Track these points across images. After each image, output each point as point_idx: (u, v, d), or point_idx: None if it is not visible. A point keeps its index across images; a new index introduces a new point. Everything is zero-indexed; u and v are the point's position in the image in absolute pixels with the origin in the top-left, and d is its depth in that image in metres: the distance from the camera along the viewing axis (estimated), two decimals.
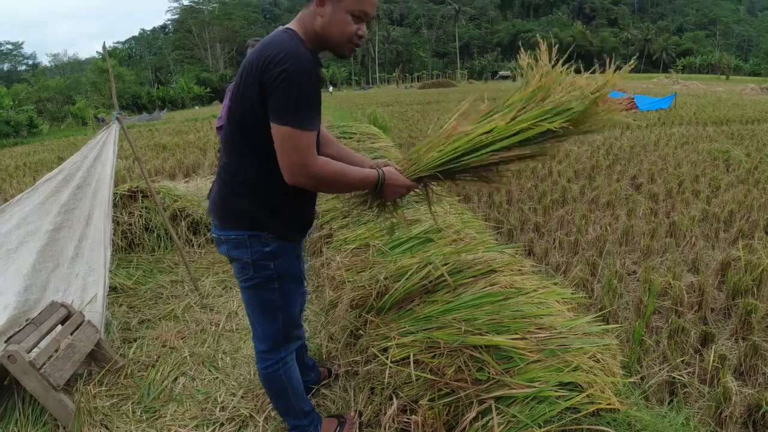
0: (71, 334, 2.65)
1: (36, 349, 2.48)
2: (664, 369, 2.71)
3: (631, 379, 2.59)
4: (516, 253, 3.06)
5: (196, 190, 6.88)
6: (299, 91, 1.56)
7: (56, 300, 2.86)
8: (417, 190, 2.07)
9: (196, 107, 41.43)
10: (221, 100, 50.02)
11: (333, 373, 2.64)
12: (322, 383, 2.58)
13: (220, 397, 2.51)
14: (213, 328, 3.25)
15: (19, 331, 2.48)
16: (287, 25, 1.71)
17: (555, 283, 2.69)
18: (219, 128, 3.97)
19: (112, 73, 3.36)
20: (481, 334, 2.14)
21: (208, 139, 13.87)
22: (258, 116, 1.63)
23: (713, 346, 2.84)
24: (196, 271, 4.12)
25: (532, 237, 4.85)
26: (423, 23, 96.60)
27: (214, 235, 1.88)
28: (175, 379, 2.71)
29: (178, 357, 2.91)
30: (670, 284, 3.53)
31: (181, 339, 3.14)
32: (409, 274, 2.54)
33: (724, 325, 3.31)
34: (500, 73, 74.42)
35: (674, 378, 2.66)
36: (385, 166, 1.96)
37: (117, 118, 3.19)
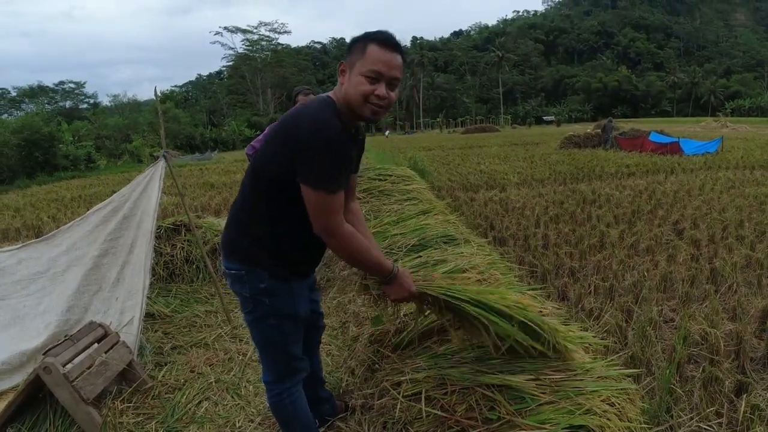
0: (105, 352, 2.80)
1: (71, 364, 2.63)
2: (693, 419, 2.65)
3: (658, 429, 2.54)
4: (539, 295, 3.07)
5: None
6: (333, 156, 1.72)
7: (95, 320, 3.03)
8: (419, 304, 2.13)
9: (245, 150, 42.77)
10: None
11: (350, 406, 2.69)
12: (339, 416, 2.63)
13: (238, 422, 2.60)
14: (240, 357, 3.36)
15: (56, 346, 2.65)
16: (329, 93, 1.86)
17: (584, 329, 2.69)
18: (249, 155, 4.19)
19: (161, 114, 3.63)
20: (493, 373, 2.17)
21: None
22: (273, 167, 1.80)
23: (747, 396, 2.75)
24: (229, 303, 4.26)
25: (566, 281, 4.81)
26: (467, 70, 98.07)
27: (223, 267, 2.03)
28: (199, 402, 2.82)
29: (204, 382, 3.03)
30: (707, 332, 3.44)
31: (209, 366, 3.26)
32: (428, 312, 2.59)
33: (762, 375, 3.18)
34: (544, 118, 74.37)
35: (702, 428, 2.59)
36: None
37: (164, 156, 3.42)
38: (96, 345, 2.85)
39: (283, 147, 1.76)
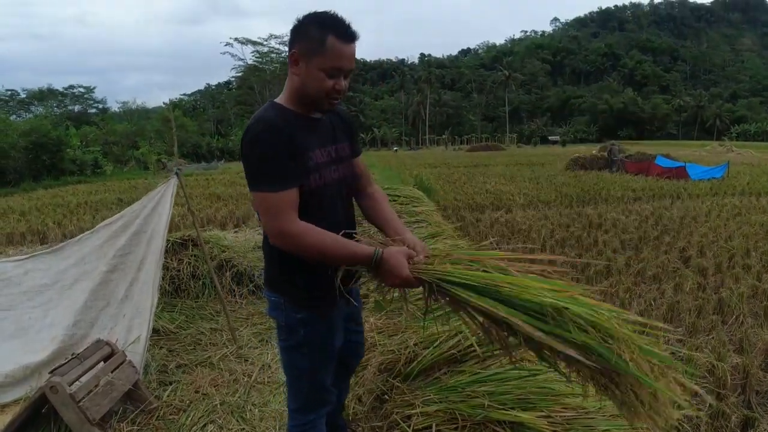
0: (112, 372, 2.78)
1: (77, 383, 2.61)
2: None
3: None
4: None
5: (245, 241, 7.11)
6: (259, 154, 1.64)
7: (101, 338, 3.02)
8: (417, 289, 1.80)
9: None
10: None
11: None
12: None
13: None
14: (246, 379, 3.33)
15: (64, 365, 2.63)
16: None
17: None
18: None
19: (174, 128, 3.63)
20: (505, 410, 2.15)
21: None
22: None
23: None
24: (235, 321, 4.24)
25: None
26: (473, 88, 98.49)
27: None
28: (204, 425, 2.79)
29: (209, 404, 2.99)
30: (714, 365, 3.41)
31: (214, 387, 3.23)
32: (438, 342, 2.58)
33: None
34: (549, 138, 74.50)
35: None
36: (399, 247, 1.74)
37: (176, 173, 3.42)
38: (102, 364, 2.83)
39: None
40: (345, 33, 1.66)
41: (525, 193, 12.54)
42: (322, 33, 1.64)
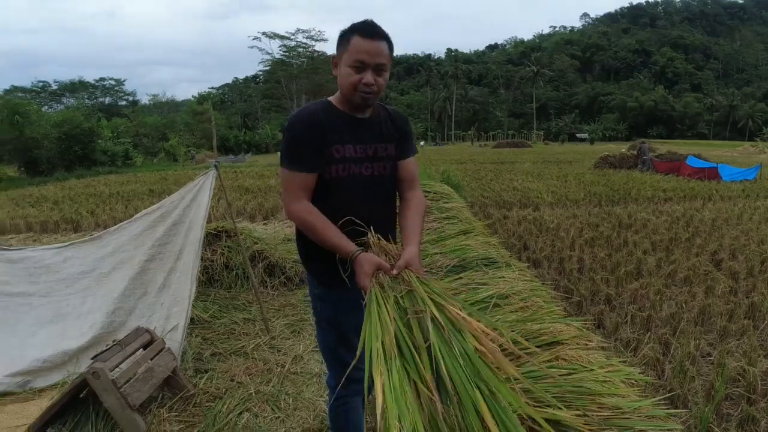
0: (151, 359, 2.85)
1: (118, 369, 2.69)
2: None
3: None
4: (584, 327, 3.03)
5: (274, 233, 7.21)
6: (289, 137, 1.90)
7: (141, 325, 3.10)
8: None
9: (278, 153, 43.41)
10: None
11: None
12: None
13: None
14: (279, 368, 3.39)
15: (105, 351, 2.71)
16: None
17: (623, 362, 2.65)
18: None
19: (214, 127, 3.69)
20: (541, 407, 2.15)
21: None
22: None
23: None
24: (267, 311, 4.31)
25: (602, 309, 4.75)
26: (501, 84, 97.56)
27: None
28: (240, 413, 2.85)
29: (244, 393, 3.06)
30: (744, 369, 3.37)
31: (249, 376, 3.29)
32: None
33: None
34: (577, 135, 73.54)
35: None
36: (373, 257, 1.80)
37: (215, 166, 3.48)
38: (142, 351, 2.90)
39: None
40: (366, 30, 1.85)
41: (553, 191, 12.44)
42: (349, 34, 1.86)
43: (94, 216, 10.72)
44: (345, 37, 1.88)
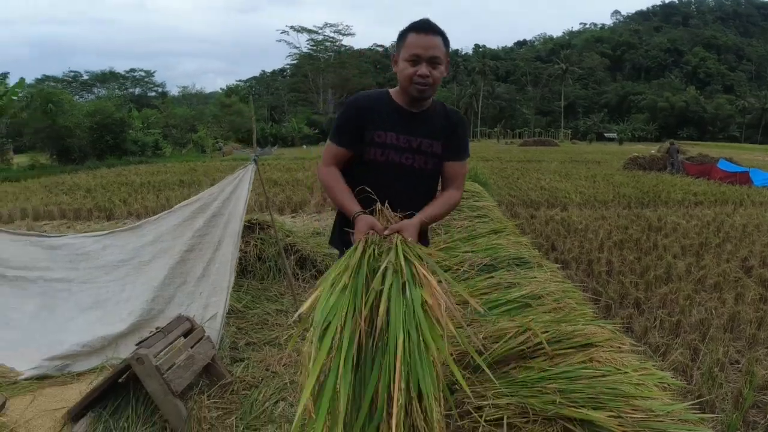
0: (192, 347, 2.94)
1: (161, 356, 2.77)
2: None
3: None
4: (617, 330, 3.04)
5: (303, 226, 7.30)
6: (339, 114, 2.19)
7: (181, 314, 3.19)
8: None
9: (304, 146, 43.75)
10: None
11: None
12: None
13: None
14: None
15: (149, 337, 2.80)
16: None
17: (655, 365, 2.66)
18: None
19: (254, 121, 3.76)
20: (576, 407, 2.18)
21: (315, 180, 14.57)
22: None
23: None
24: (299, 303, 4.38)
25: (631, 313, 4.73)
26: (528, 81, 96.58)
27: None
28: (276, 402, 2.93)
29: (279, 382, 3.14)
30: None
31: (283, 366, 3.37)
32: (507, 337, 2.61)
33: None
34: (606, 135, 72.46)
35: None
36: (370, 217, 1.95)
37: (254, 160, 3.56)
38: (182, 338, 2.99)
39: None
40: (421, 26, 2.01)
41: (581, 192, 12.32)
42: (406, 32, 2.03)
43: (126, 205, 10.96)
44: (403, 34, 2.04)
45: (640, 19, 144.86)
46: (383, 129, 2.08)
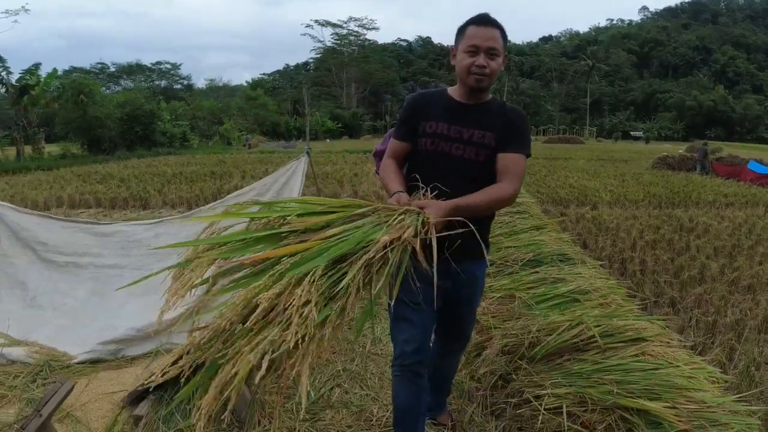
0: None
1: None
2: None
3: None
4: (666, 326, 3.10)
5: None
6: (401, 111, 2.31)
7: None
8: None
9: (328, 140, 44.01)
10: (351, 136, 51.89)
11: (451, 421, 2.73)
12: (440, 423, 2.70)
13: (375, 411, 2.78)
14: (360, 349, 3.56)
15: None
16: None
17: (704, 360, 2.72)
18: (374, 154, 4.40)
19: (308, 116, 3.86)
20: (632, 398, 2.25)
21: (344, 173, 14.72)
22: None
23: None
24: None
25: (667, 312, 4.76)
26: (554, 77, 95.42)
27: None
28: (332, 388, 3.03)
29: (333, 369, 3.25)
30: None
31: (333, 353, 3.47)
32: (560, 330, 2.69)
33: None
34: (632, 133, 71.41)
35: None
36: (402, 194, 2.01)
37: (307, 152, 3.67)
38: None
39: None
40: (479, 19, 2.08)
41: (611, 191, 12.25)
42: (465, 25, 2.10)
43: (161, 194, 11.20)
44: (462, 28, 2.11)
45: (668, 16, 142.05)
46: (435, 120, 2.15)
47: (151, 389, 2.96)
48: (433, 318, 2.28)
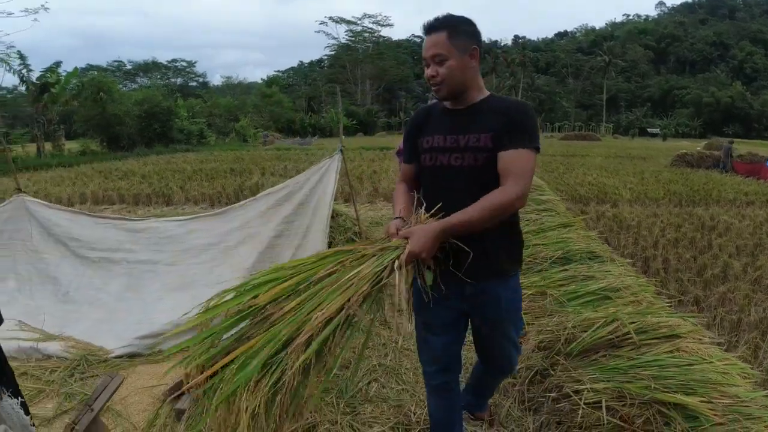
0: None
1: None
2: None
3: None
4: (698, 323, 3.13)
5: (361, 216, 7.45)
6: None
7: None
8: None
9: (343, 137, 44.19)
10: (365, 132, 51.92)
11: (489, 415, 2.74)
12: (477, 419, 2.73)
13: (413, 406, 2.83)
14: (393, 344, 3.62)
15: None
16: None
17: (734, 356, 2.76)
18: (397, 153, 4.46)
19: (341, 115, 3.92)
20: (670, 392, 2.30)
21: (363, 170, 14.77)
22: None
23: None
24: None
25: (691, 310, 4.77)
26: (569, 73, 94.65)
27: None
28: (369, 383, 3.10)
29: (369, 364, 3.31)
30: None
31: (367, 349, 3.54)
32: (595, 326, 2.74)
33: None
34: (649, 130, 70.71)
35: None
36: (396, 221, 1.98)
37: (340, 150, 3.74)
38: None
39: None
40: (424, 28, 1.99)
41: (631, 188, 12.21)
42: None
43: (183, 191, 11.34)
44: None
45: (685, 11, 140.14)
46: (431, 134, 2.05)
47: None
48: (457, 340, 2.19)
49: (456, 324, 2.14)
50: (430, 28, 1.94)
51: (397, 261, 1.74)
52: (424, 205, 1.96)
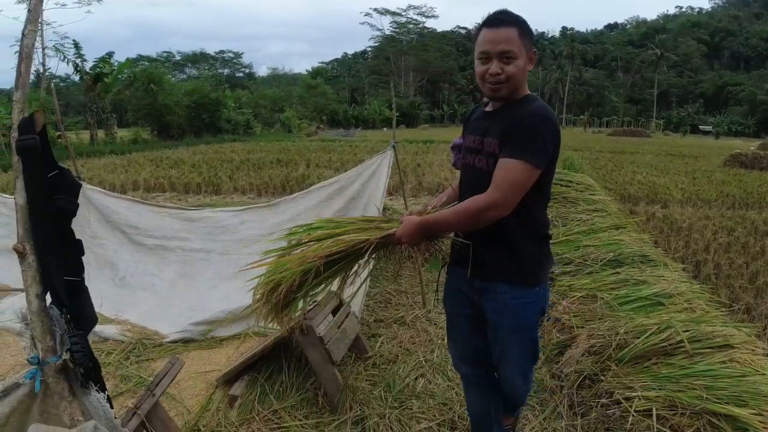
0: (341, 321, 3.20)
1: (321, 327, 3.01)
2: None
3: None
4: (752, 333, 3.07)
5: (402, 209, 7.48)
6: None
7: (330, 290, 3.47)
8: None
9: (385, 129, 44.20)
10: (408, 125, 51.91)
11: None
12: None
13: (459, 406, 2.84)
14: (439, 341, 3.66)
15: (310, 310, 3.07)
16: None
17: None
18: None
19: (395, 112, 3.97)
20: (721, 403, 2.28)
21: (407, 163, 14.78)
22: None
23: None
24: (416, 285, 4.59)
25: (743, 319, 4.65)
26: (619, 66, 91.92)
27: None
28: (416, 378, 3.15)
29: (415, 360, 3.36)
30: None
31: (413, 344, 3.60)
32: (648, 333, 2.72)
33: None
34: (701, 127, 68.20)
35: None
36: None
37: (393, 146, 3.78)
38: (330, 315, 3.27)
39: None
40: (489, 20, 1.86)
41: (682, 188, 11.86)
42: (478, 30, 1.91)
43: (232, 180, 11.61)
44: (476, 33, 1.93)
45: (739, 5, 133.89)
46: (468, 133, 2.07)
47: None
48: (477, 332, 2.15)
49: (476, 317, 2.12)
50: (500, 21, 1.83)
51: (379, 237, 1.95)
52: (455, 202, 2.02)
